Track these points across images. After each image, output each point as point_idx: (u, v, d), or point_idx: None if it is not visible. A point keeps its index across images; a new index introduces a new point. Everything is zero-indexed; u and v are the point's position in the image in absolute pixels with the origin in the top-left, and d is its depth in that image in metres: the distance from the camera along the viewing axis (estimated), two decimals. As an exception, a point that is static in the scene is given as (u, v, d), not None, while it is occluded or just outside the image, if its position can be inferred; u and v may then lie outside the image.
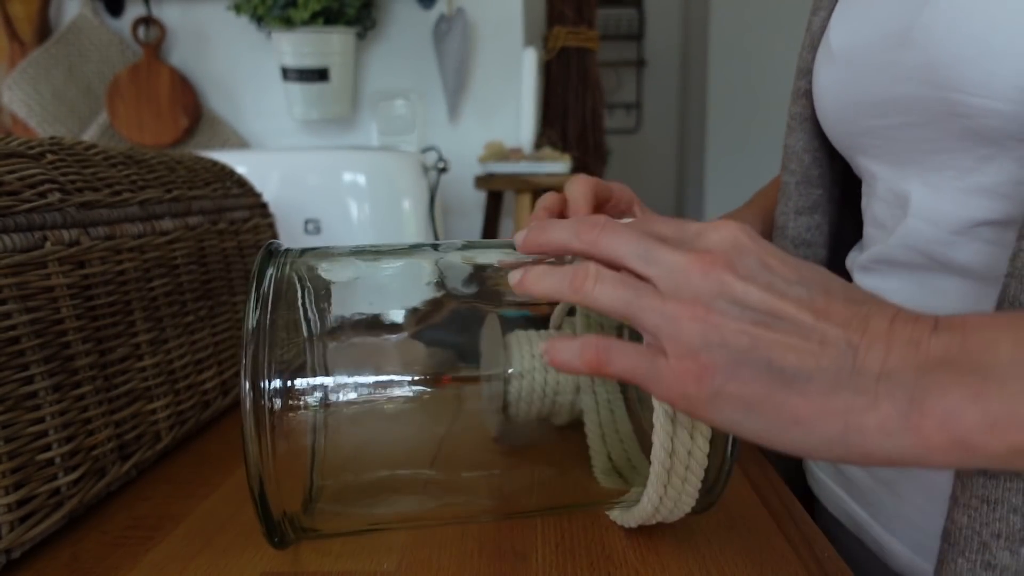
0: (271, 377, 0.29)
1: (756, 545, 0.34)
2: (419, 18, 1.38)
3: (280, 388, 0.29)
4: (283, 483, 0.29)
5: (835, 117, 0.42)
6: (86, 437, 0.38)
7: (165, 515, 0.38)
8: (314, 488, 0.31)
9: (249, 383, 0.28)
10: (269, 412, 0.28)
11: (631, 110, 3.54)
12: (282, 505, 0.30)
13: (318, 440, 0.30)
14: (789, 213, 0.48)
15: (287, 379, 0.29)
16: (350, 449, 0.31)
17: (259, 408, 0.28)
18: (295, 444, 0.29)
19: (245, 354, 0.28)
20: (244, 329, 0.29)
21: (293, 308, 0.31)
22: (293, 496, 0.30)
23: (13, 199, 0.34)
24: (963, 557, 0.30)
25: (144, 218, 0.44)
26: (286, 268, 0.32)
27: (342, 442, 0.31)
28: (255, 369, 0.28)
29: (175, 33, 1.39)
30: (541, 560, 0.33)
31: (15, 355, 0.33)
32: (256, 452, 0.28)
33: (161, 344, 0.45)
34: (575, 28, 1.71)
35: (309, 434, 0.30)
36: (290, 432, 0.29)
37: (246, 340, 0.29)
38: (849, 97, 0.40)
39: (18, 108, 1.34)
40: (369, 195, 0.96)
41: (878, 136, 0.38)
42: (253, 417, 0.28)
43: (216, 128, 1.42)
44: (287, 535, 0.31)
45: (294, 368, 0.29)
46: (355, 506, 0.33)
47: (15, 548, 0.33)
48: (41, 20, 1.36)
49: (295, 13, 1.21)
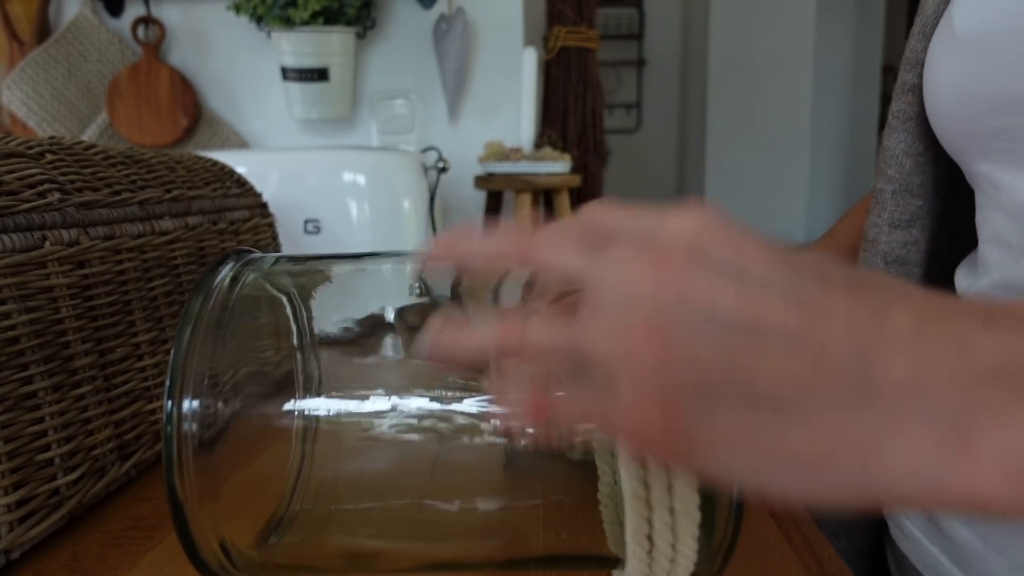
0: (199, 395, 0.26)
1: (756, 545, 0.34)
2: (419, 18, 1.38)
3: (216, 406, 0.26)
4: (216, 508, 0.26)
5: (953, 115, 0.36)
6: (86, 437, 0.38)
7: (165, 515, 0.38)
8: (284, 519, 0.28)
9: (172, 403, 0.25)
10: (192, 435, 0.25)
11: (631, 110, 3.54)
12: (216, 531, 0.26)
13: (276, 464, 0.27)
14: (883, 226, 0.42)
15: (212, 399, 0.26)
16: (319, 476, 0.28)
17: (181, 431, 0.25)
18: (235, 465, 0.26)
19: (173, 360, 0.25)
20: (177, 334, 0.26)
21: (243, 315, 0.28)
22: (235, 525, 0.27)
23: (12, 199, 0.34)
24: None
25: (144, 218, 0.44)
26: (245, 274, 0.29)
27: (322, 469, 0.28)
28: (181, 387, 0.25)
29: (175, 33, 1.39)
30: (541, 560, 0.33)
31: (15, 355, 0.33)
32: (177, 471, 0.25)
33: (161, 344, 0.45)
34: (575, 28, 1.71)
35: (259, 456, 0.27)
36: (232, 454, 0.26)
37: (177, 347, 0.26)
38: (975, 90, 0.34)
39: (18, 108, 1.34)
40: (369, 195, 0.96)
41: (1008, 138, 0.33)
42: (176, 439, 0.25)
43: (216, 128, 1.42)
44: (215, 563, 0.27)
45: (242, 383, 0.27)
46: (316, 541, 0.29)
47: (15, 548, 0.33)
48: (41, 20, 1.36)
49: (295, 13, 1.21)
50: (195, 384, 0.25)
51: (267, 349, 0.29)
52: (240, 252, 0.31)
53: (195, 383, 0.25)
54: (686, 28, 3.36)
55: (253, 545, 0.27)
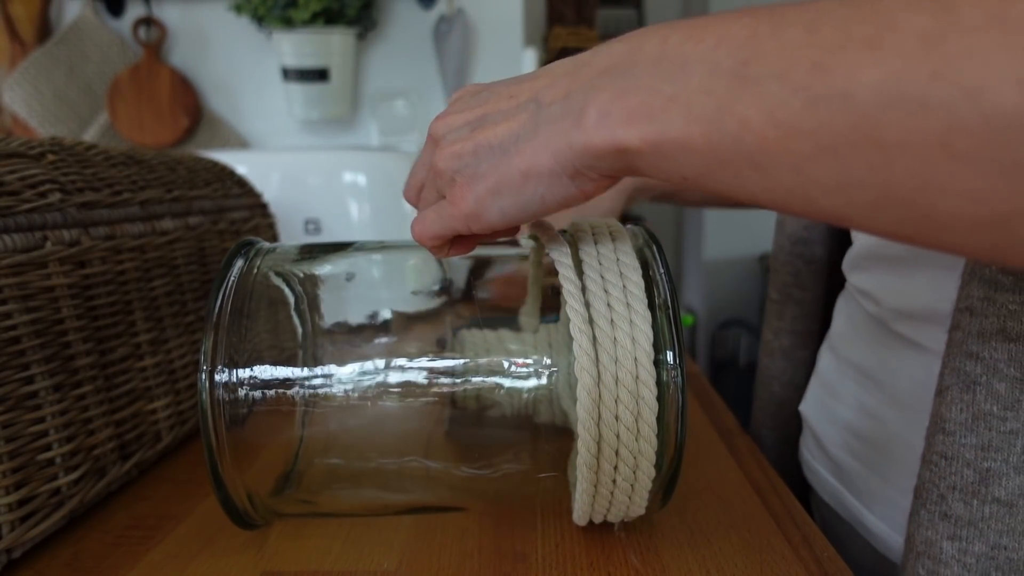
0: (229, 365, 0.30)
1: (756, 545, 0.34)
2: (419, 18, 1.38)
3: (240, 377, 0.30)
4: (245, 468, 0.31)
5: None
6: (87, 437, 0.38)
7: (165, 515, 0.38)
8: (292, 474, 0.33)
9: (206, 372, 0.30)
10: (224, 402, 0.30)
11: (631, 110, 3.54)
12: (244, 488, 0.31)
13: (288, 428, 0.31)
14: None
15: (245, 368, 0.30)
16: (322, 438, 0.32)
17: (214, 396, 0.30)
18: (257, 431, 0.31)
19: (205, 341, 0.30)
20: (206, 318, 0.31)
21: (260, 300, 0.32)
22: (259, 481, 0.32)
23: (14, 199, 0.34)
24: (924, 509, 0.32)
25: (144, 218, 0.44)
26: (256, 261, 0.34)
27: (317, 431, 0.32)
28: (213, 357, 0.30)
29: (176, 34, 1.39)
30: (541, 560, 0.33)
31: (16, 355, 0.33)
32: (212, 437, 0.30)
33: (161, 344, 0.45)
34: (575, 28, 1.71)
35: (275, 422, 0.31)
36: (254, 420, 0.31)
37: (207, 328, 0.30)
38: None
39: (19, 108, 1.34)
40: (369, 195, 0.96)
41: None
42: (209, 405, 0.30)
43: (216, 128, 1.42)
44: (251, 517, 0.33)
45: (262, 358, 0.31)
46: (322, 492, 0.34)
47: (16, 547, 0.33)
48: (42, 20, 1.36)
49: (295, 13, 1.21)
50: (224, 360, 0.30)
51: (278, 330, 0.33)
52: (251, 242, 0.35)
53: (224, 359, 0.30)
54: (686, 28, 3.36)
55: (271, 495, 0.33)
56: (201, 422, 0.30)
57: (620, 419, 0.28)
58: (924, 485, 0.32)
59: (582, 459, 0.29)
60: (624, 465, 0.29)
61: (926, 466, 0.32)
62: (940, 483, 0.31)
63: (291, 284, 0.34)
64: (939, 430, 0.31)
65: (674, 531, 0.35)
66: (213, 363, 0.30)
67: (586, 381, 0.28)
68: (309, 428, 0.32)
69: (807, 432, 0.50)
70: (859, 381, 0.44)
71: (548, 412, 0.32)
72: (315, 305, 0.34)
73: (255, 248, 0.35)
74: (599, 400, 0.28)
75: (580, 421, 0.28)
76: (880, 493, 0.41)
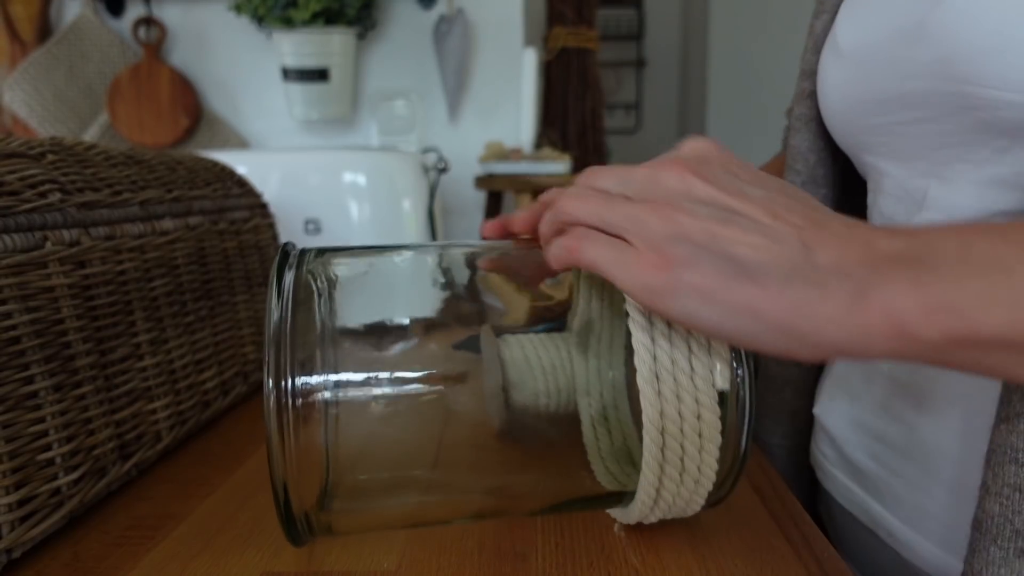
0: (293, 375, 0.29)
1: (756, 545, 0.34)
2: (419, 18, 1.38)
3: (301, 387, 0.29)
4: (302, 482, 0.29)
5: (842, 116, 0.42)
6: (87, 437, 0.38)
7: (165, 515, 0.38)
8: (329, 486, 0.31)
9: (272, 381, 0.28)
10: (292, 411, 0.28)
11: (631, 110, 3.54)
12: (302, 504, 0.30)
13: (332, 438, 0.30)
14: None
15: (306, 377, 0.29)
16: (362, 447, 0.31)
17: (282, 407, 0.28)
18: (312, 442, 0.29)
19: (268, 353, 0.28)
20: (267, 328, 0.29)
21: (307, 308, 0.31)
22: (310, 494, 0.30)
23: (14, 199, 0.34)
24: (995, 545, 0.30)
25: (144, 218, 0.44)
26: (303, 268, 0.32)
27: (355, 440, 0.31)
28: (278, 368, 0.28)
29: (176, 33, 1.39)
30: (541, 560, 0.33)
31: (15, 355, 0.33)
32: (280, 453, 0.28)
33: (161, 344, 0.45)
34: (575, 28, 1.71)
35: (323, 432, 0.30)
36: (309, 431, 0.29)
37: (269, 339, 0.29)
38: (857, 95, 0.40)
39: (19, 108, 1.34)
40: (369, 195, 0.96)
41: (886, 133, 0.39)
42: (276, 416, 0.28)
43: (216, 128, 1.42)
44: (304, 534, 0.31)
45: (310, 367, 0.30)
46: (366, 504, 0.33)
47: (16, 548, 0.33)
48: (42, 20, 1.36)
49: (295, 13, 1.21)
50: (292, 365, 0.29)
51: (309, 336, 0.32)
52: (290, 243, 0.34)
53: (291, 364, 0.29)
54: (686, 28, 3.36)
55: (317, 511, 0.31)
56: (269, 439, 0.28)
57: (684, 420, 0.29)
58: (993, 519, 0.30)
59: (646, 464, 0.29)
60: (689, 462, 0.29)
61: (993, 499, 0.30)
62: (1015, 518, 0.29)
63: (318, 285, 0.33)
64: (1011, 460, 0.30)
65: (674, 531, 0.35)
66: (278, 375, 0.28)
67: (648, 393, 0.28)
68: (344, 434, 0.31)
69: (822, 435, 0.49)
70: (883, 384, 0.43)
71: (604, 420, 0.33)
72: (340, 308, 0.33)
73: (302, 254, 0.33)
74: (661, 414, 0.28)
75: (645, 431, 0.28)
76: (907, 498, 0.40)
